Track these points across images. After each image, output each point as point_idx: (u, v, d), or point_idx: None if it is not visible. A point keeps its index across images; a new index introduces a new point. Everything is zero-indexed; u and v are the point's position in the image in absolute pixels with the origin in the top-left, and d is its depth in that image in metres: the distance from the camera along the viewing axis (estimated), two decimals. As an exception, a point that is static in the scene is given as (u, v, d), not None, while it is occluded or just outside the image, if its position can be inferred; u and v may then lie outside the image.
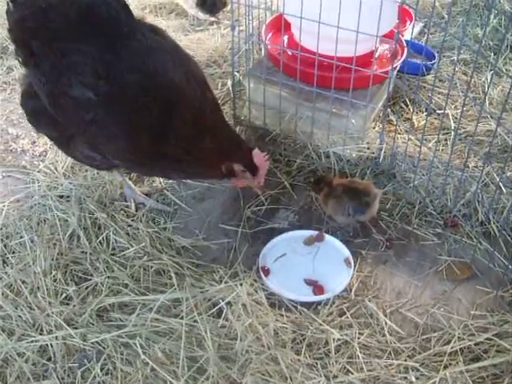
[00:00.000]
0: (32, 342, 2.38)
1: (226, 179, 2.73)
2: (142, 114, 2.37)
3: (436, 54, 3.74)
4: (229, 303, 2.50)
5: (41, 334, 2.41)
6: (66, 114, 2.47)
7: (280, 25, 3.25)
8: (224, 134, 2.61)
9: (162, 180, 3.17)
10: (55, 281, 2.62)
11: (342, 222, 2.89)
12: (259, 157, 2.63)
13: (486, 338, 2.41)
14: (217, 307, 2.50)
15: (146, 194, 3.07)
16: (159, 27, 2.69)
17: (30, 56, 2.46)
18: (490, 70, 3.82)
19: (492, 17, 4.18)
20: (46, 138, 3.41)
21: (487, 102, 3.58)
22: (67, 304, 2.54)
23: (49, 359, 2.36)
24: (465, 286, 2.66)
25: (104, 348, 2.36)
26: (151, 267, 2.68)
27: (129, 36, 2.42)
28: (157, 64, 2.41)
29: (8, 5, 2.42)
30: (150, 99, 2.36)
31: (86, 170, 3.19)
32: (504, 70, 3.70)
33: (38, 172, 3.23)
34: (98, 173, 3.16)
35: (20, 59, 2.54)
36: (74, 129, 2.53)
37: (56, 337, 2.39)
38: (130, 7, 2.49)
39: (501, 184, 2.87)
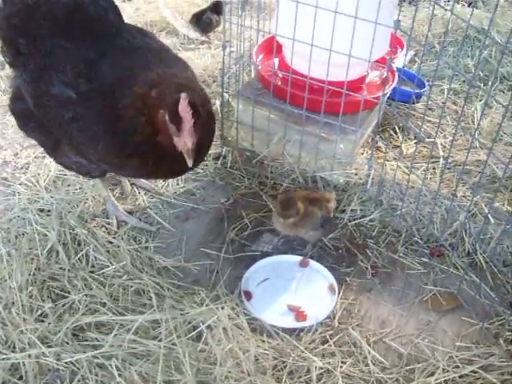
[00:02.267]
0: (3, 359, 2.30)
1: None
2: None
3: (426, 83, 3.74)
4: (209, 327, 2.45)
5: (13, 352, 2.33)
6: (48, 114, 2.43)
7: (271, 47, 3.22)
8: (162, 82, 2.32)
9: (145, 198, 3.12)
10: (31, 297, 2.55)
11: (313, 237, 2.84)
12: (183, 101, 2.15)
13: (471, 371, 2.36)
14: (197, 330, 2.44)
15: (128, 212, 3.01)
16: (148, 30, 2.67)
17: (17, 55, 2.45)
18: (480, 100, 3.82)
19: (483, 48, 4.18)
20: (29, 150, 3.39)
21: (476, 133, 3.57)
22: (42, 321, 2.47)
23: (20, 378, 2.29)
24: (450, 316, 2.62)
25: (78, 369, 2.29)
26: (131, 287, 2.61)
27: (116, 36, 2.41)
28: (140, 63, 2.36)
29: None
30: (129, 100, 2.27)
31: (69, 185, 3.13)
32: (494, 101, 3.70)
33: (20, 184, 3.16)
34: (80, 188, 3.10)
35: (7, 60, 2.53)
36: (57, 130, 2.48)
37: (29, 355, 2.31)
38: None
39: (489, 215, 2.84)
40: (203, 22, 4.56)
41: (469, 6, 4.76)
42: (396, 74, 3.23)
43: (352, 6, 2.59)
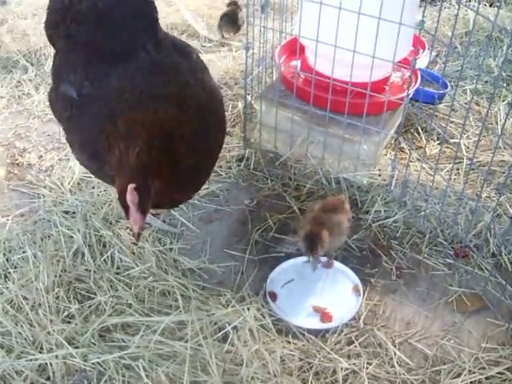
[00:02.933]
0: (31, 360, 2.32)
1: None
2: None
3: (448, 84, 3.73)
4: (235, 328, 2.45)
5: (40, 352, 2.35)
6: (55, 111, 2.57)
7: (293, 48, 3.23)
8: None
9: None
10: (57, 298, 2.57)
11: (343, 241, 2.82)
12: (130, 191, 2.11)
13: (498, 372, 2.35)
14: (222, 332, 2.44)
15: (153, 215, 3.02)
16: (188, 45, 2.70)
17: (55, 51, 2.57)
18: (503, 101, 3.80)
19: (505, 48, 4.16)
20: (53, 153, 3.44)
21: (500, 133, 3.54)
22: (69, 322, 2.48)
23: (47, 378, 2.30)
24: (475, 317, 2.61)
25: (105, 369, 2.30)
26: (156, 288, 2.62)
27: (141, 47, 2.41)
28: (149, 82, 2.35)
29: None
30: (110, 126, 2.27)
31: (93, 187, 3.15)
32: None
33: (44, 187, 3.19)
34: (104, 190, 3.12)
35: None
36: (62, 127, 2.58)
37: (56, 356, 2.32)
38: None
39: (513, 215, 2.83)
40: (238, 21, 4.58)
41: (490, 5, 4.72)
42: (419, 75, 3.22)
43: (375, 6, 2.59)
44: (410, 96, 3.18)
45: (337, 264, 2.80)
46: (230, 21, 4.62)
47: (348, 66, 2.78)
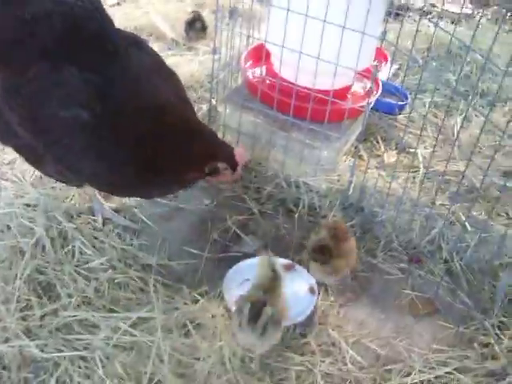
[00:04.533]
0: (-13, 348, 2.32)
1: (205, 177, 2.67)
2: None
3: (408, 95, 3.84)
4: (198, 324, 2.50)
5: (-4, 342, 2.35)
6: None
7: (259, 54, 3.30)
8: (208, 137, 2.60)
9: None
10: (18, 290, 2.56)
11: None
12: (240, 154, 2.62)
13: (447, 372, 2.43)
14: (184, 327, 2.48)
15: (114, 210, 3.04)
16: (141, 39, 2.74)
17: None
18: (460, 114, 3.92)
19: (464, 64, 4.30)
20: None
21: (456, 144, 3.66)
22: (27, 314, 2.48)
23: (3, 368, 2.30)
24: (427, 320, 2.69)
25: (62, 360, 2.31)
26: (117, 281, 2.65)
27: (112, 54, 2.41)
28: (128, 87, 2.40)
29: None
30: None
31: (55, 181, 3.15)
32: (474, 115, 3.82)
33: (6, 180, 3.18)
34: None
35: None
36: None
37: (13, 346, 2.33)
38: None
39: (466, 223, 2.92)
40: (196, 28, 4.63)
41: (452, 23, 4.89)
42: (380, 85, 3.32)
43: (341, 16, 2.67)
44: (371, 106, 3.28)
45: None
46: (198, 26, 4.66)
47: (311, 73, 2.85)
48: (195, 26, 4.64)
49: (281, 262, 2.81)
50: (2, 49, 2.31)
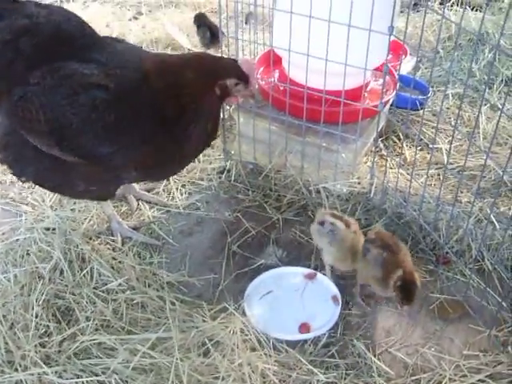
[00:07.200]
0: (6, 378, 2.31)
1: (222, 102, 2.67)
2: None
3: (430, 89, 3.72)
4: (217, 342, 2.44)
5: (16, 371, 2.33)
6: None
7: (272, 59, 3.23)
8: (204, 58, 2.63)
9: (150, 214, 3.12)
10: (36, 317, 2.54)
11: None
12: (246, 63, 2.57)
13: (479, 380, 2.33)
14: (203, 346, 2.43)
15: (133, 228, 3.02)
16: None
17: None
18: (485, 105, 3.79)
19: (487, 51, 4.15)
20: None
21: (481, 137, 3.53)
22: (46, 341, 2.47)
23: (24, 395, 2.29)
24: (457, 324, 2.59)
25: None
26: (135, 301, 2.62)
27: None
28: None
29: None
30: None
31: (74, 203, 3.14)
32: (498, 105, 3.67)
33: (26, 204, 3.19)
34: (85, 206, 3.12)
35: None
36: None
37: (32, 374, 2.31)
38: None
39: (494, 219, 2.80)
40: (206, 37, 4.59)
41: (472, 10, 4.73)
42: (397, 82, 3.21)
43: (346, 14, 2.59)
44: (390, 102, 3.18)
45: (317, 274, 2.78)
46: (211, 34, 4.62)
47: (322, 75, 2.77)
48: (206, 35, 4.58)
49: (302, 271, 2.77)
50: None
